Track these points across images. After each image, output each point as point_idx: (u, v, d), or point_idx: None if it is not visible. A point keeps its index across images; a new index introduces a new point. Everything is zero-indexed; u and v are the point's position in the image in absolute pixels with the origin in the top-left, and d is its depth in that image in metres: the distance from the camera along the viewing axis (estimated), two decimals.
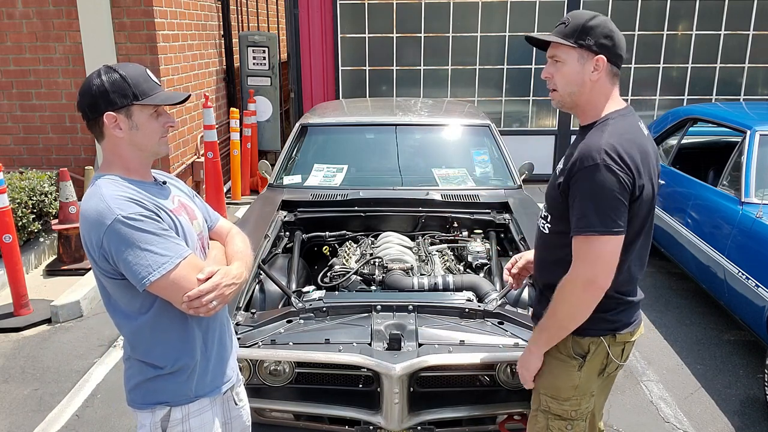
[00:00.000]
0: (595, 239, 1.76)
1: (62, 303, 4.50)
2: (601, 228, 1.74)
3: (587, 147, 1.78)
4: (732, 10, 7.85)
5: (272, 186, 4.14)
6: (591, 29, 1.81)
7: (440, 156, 4.38)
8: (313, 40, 8.06)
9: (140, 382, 1.74)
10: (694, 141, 5.33)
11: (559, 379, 1.97)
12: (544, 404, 2.01)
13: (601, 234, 1.75)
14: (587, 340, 1.92)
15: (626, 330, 1.95)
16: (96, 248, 1.59)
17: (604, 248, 1.76)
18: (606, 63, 1.83)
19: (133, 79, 1.65)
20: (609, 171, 1.73)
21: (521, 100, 8.25)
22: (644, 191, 1.80)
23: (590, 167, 1.74)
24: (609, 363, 1.96)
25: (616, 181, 1.73)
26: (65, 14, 5.97)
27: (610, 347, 1.93)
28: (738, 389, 3.61)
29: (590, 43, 1.81)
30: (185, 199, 1.86)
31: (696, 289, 4.78)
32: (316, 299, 2.69)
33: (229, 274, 1.70)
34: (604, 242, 1.76)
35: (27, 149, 6.32)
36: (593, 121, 1.88)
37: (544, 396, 2.01)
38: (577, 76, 1.85)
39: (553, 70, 1.89)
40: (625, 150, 1.76)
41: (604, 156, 1.74)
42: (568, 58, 1.85)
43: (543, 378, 2.02)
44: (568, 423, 1.99)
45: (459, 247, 3.49)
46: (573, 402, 1.97)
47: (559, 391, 1.98)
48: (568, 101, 1.90)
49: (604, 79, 1.86)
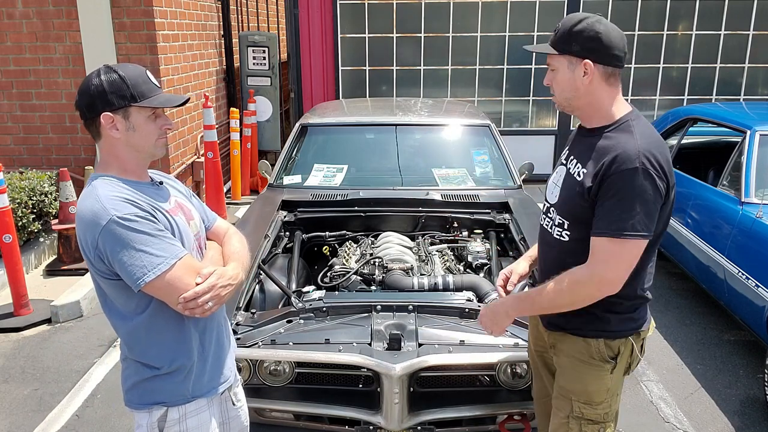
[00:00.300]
0: (626, 242, 1.74)
1: (62, 303, 4.50)
2: (637, 233, 1.73)
3: (623, 149, 1.76)
4: (732, 10, 7.85)
5: (272, 186, 4.14)
6: (576, 34, 1.80)
7: (440, 156, 4.38)
8: (313, 40, 8.06)
9: (137, 382, 1.74)
10: (694, 141, 5.33)
11: (592, 384, 1.95)
12: (577, 411, 1.97)
13: (636, 238, 1.74)
14: (617, 342, 1.92)
15: (646, 325, 1.98)
16: (91, 249, 1.59)
17: (632, 252, 1.76)
18: (594, 66, 1.81)
19: (132, 80, 1.64)
20: (647, 175, 1.72)
21: (521, 100, 8.24)
22: (671, 196, 1.82)
23: (629, 170, 1.72)
24: (633, 360, 1.98)
25: (653, 187, 1.73)
26: (65, 14, 5.97)
27: (635, 344, 1.95)
28: (738, 389, 3.61)
29: (576, 49, 1.81)
30: (182, 199, 1.85)
31: (696, 289, 4.78)
32: (316, 299, 2.69)
33: (225, 275, 1.70)
34: (632, 246, 1.75)
35: (27, 149, 6.32)
36: (605, 123, 1.86)
37: (576, 403, 1.97)
38: (569, 83, 1.85)
39: (551, 77, 1.90)
40: (660, 154, 1.76)
41: (643, 160, 1.73)
42: (560, 65, 1.86)
43: (572, 384, 1.98)
44: (601, 426, 1.98)
45: (459, 247, 3.49)
46: (605, 405, 1.96)
47: (592, 396, 1.95)
48: (567, 106, 1.91)
49: (598, 82, 1.84)
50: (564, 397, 2.00)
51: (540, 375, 2.23)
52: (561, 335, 2.00)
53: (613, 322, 1.91)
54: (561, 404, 2.02)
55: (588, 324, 1.92)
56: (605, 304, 1.87)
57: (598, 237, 1.78)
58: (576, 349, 1.96)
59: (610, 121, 1.86)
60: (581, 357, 1.94)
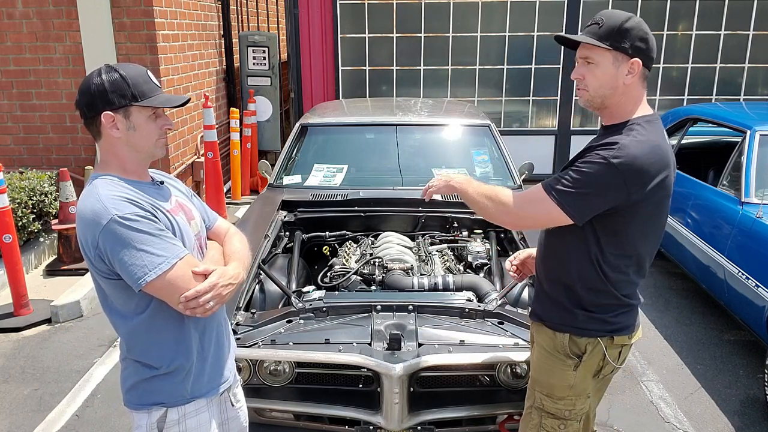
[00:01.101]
0: (547, 201, 1.79)
1: (62, 303, 4.50)
2: (561, 200, 1.77)
3: (609, 139, 1.77)
4: (732, 10, 7.85)
5: (272, 186, 4.14)
6: (627, 31, 1.77)
7: (440, 156, 4.39)
8: (313, 40, 8.06)
9: (136, 382, 1.74)
10: (694, 141, 5.33)
11: (554, 377, 1.97)
12: (538, 401, 2.01)
13: (555, 202, 1.78)
14: (584, 341, 1.92)
15: (624, 333, 1.94)
16: (92, 248, 1.59)
17: (544, 211, 1.81)
18: (641, 67, 1.80)
19: (132, 79, 1.64)
20: (614, 172, 1.71)
21: (521, 100, 8.24)
22: (643, 205, 1.78)
23: (599, 158, 1.73)
24: (605, 365, 1.95)
25: (613, 185, 1.72)
26: (65, 14, 5.97)
27: (607, 349, 1.92)
28: (738, 389, 3.61)
29: (626, 46, 1.77)
30: (183, 199, 1.85)
31: (696, 289, 4.78)
32: (316, 299, 2.69)
33: (226, 274, 1.70)
34: (549, 208, 1.79)
35: (27, 149, 6.32)
36: (619, 122, 1.85)
37: (538, 393, 2.01)
38: (611, 79, 1.80)
39: (585, 71, 1.84)
40: (645, 161, 1.73)
41: (618, 155, 1.71)
42: (603, 60, 1.80)
43: (538, 375, 2.02)
44: (561, 422, 1.99)
45: (459, 247, 3.49)
46: (567, 401, 1.97)
47: (553, 389, 1.98)
48: (598, 102, 1.86)
49: (636, 83, 1.82)
50: (531, 387, 2.06)
51: None
52: (538, 325, 2.05)
53: (580, 318, 1.91)
54: (528, 393, 2.08)
55: (558, 315, 1.95)
56: (575, 297, 1.90)
57: (541, 186, 1.85)
58: (545, 340, 2.00)
59: (624, 119, 1.84)
60: (548, 348, 1.98)
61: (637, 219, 1.80)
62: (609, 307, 1.90)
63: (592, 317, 1.89)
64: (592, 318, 1.89)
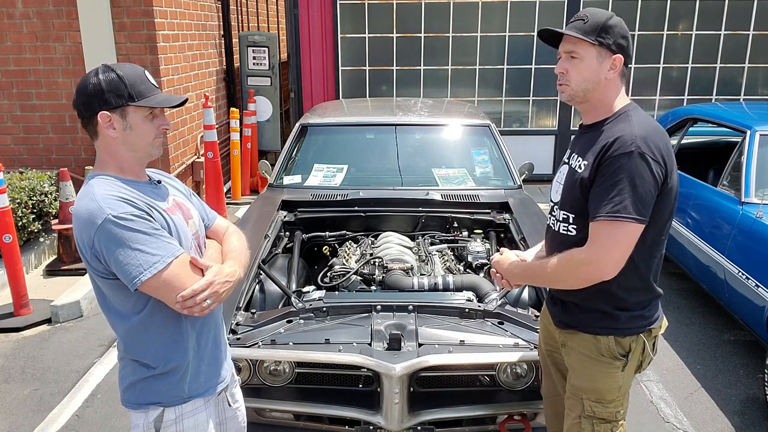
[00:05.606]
0: (623, 225, 1.74)
1: (62, 303, 4.50)
2: (634, 215, 1.74)
3: (621, 135, 1.78)
4: (732, 10, 7.85)
5: (272, 186, 4.14)
6: (611, 28, 1.84)
7: (440, 156, 4.38)
8: (313, 40, 8.06)
9: (134, 382, 1.74)
10: (694, 141, 5.33)
11: (603, 382, 1.94)
12: (589, 410, 1.96)
13: (632, 221, 1.74)
14: (628, 340, 1.92)
15: (658, 323, 1.97)
16: (88, 248, 1.59)
17: (629, 236, 1.76)
18: (622, 63, 1.86)
19: (129, 79, 1.64)
20: (643, 159, 1.74)
21: (521, 100, 8.24)
22: (672, 183, 1.82)
23: (625, 154, 1.75)
24: (645, 358, 1.97)
25: (649, 171, 1.75)
26: (65, 14, 5.97)
27: (647, 342, 1.94)
28: (738, 389, 3.61)
29: (610, 42, 1.84)
30: (181, 198, 1.85)
31: (696, 289, 4.78)
32: (316, 299, 2.68)
33: (222, 272, 1.69)
34: (630, 230, 1.75)
35: (27, 149, 6.32)
36: (604, 117, 1.89)
37: (587, 401, 1.96)
38: (594, 74, 1.86)
39: (569, 65, 1.89)
40: (657, 140, 1.78)
41: (639, 143, 1.75)
42: (587, 55, 1.86)
43: (582, 382, 1.97)
44: (613, 425, 1.97)
45: (459, 247, 3.49)
46: (617, 403, 1.96)
47: (603, 394, 1.95)
48: (581, 96, 1.90)
49: (616, 78, 1.88)
50: (575, 397, 2.00)
51: (550, 374, 2.23)
52: (571, 333, 2.00)
53: (623, 319, 1.91)
54: (573, 404, 2.01)
55: (598, 321, 1.92)
56: (615, 301, 1.88)
57: (595, 221, 1.79)
58: (586, 347, 1.95)
59: (609, 114, 1.89)
60: (591, 354, 1.94)
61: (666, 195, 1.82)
62: (645, 303, 1.92)
63: (633, 315, 1.90)
64: (632, 317, 1.90)
